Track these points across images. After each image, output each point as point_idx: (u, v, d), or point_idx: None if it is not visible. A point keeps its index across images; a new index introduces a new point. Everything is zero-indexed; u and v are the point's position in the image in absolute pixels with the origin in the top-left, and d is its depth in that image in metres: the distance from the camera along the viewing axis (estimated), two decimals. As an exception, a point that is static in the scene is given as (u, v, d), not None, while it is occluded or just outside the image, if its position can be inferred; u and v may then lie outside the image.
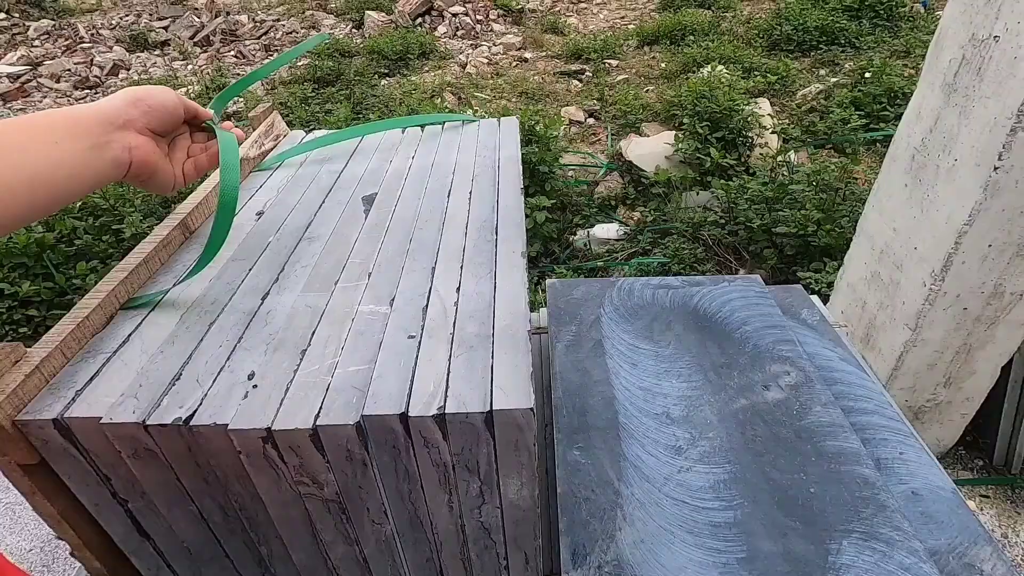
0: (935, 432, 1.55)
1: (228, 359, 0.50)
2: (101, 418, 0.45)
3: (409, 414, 0.43)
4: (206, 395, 0.46)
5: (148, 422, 0.44)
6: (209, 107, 0.63)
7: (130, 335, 0.54)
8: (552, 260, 2.77)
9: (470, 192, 0.73)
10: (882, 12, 4.79)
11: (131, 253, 0.63)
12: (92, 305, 0.54)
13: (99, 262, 2.21)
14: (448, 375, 0.47)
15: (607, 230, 2.82)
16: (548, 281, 0.79)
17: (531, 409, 0.43)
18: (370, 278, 0.59)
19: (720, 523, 0.51)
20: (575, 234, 2.89)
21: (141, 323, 0.55)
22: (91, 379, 0.49)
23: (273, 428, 0.43)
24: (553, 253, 2.80)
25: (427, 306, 0.54)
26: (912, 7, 5.01)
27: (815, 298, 0.85)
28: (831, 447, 0.58)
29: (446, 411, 0.43)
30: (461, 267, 0.60)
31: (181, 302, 0.58)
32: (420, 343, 0.50)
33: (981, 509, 1.50)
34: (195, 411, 0.45)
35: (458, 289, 0.56)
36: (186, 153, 0.60)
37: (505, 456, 0.46)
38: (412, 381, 0.46)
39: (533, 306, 0.58)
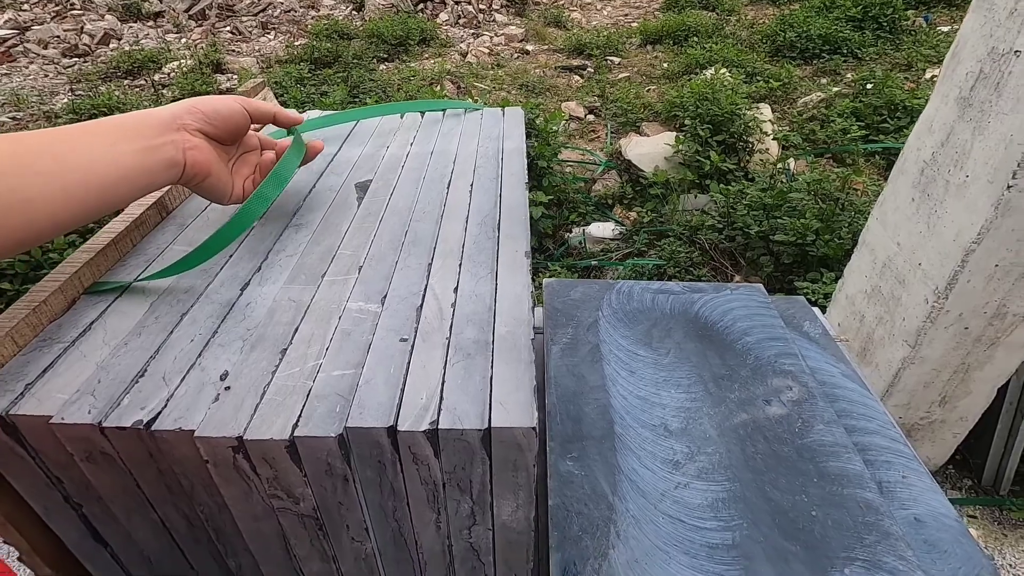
0: (926, 450, 1.54)
1: (200, 355, 0.45)
2: (51, 417, 0.40)
3: (398, 428, 0.39)
4: (172, 395, 0.42)
5: (104, 424, 0.39)
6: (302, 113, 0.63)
7: (92, 323, 0.49)
8: (546, 256, 2.73)
9: (471, 184, 0.69)
10: (885, 24, 4.80)
11: (100, 231, 0.58)
12: (51, 288, 0.49)
13: (77, 235, 2.13)
14: (443, 385, 0.42)
15: (603, 229, 2.78)
16: (545, 280, 0.76)
17: (533, 428, 0.39)
18: (360, 272, 0.54)
19: (718, 544, 0.48)
20: (570, 231, 2.85)
21: (106, 310, 0.50)
22: (44, 371, 0.44)
23: (245, 437, 0.38)
24: (548, 250, 2.76)
25: (422, 306, 0.50)
26: (915, 21, 5.02)
27: (817, 310, 0.83)
28: (833, 468, 0.56)
29: (439, 426, 0.39)
30: (460, 265, 0.55)
31: (152, 289, 0.53)
32: (413, 347, 0.46)
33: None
34: (159, 413, 0.40)
35: (456, 289, 0.52)
36: (253, 168, 0.61)
37: (501, 476, 0.42)
38: (403, 390, 0.42)
39: (531, 304, 0.54)
